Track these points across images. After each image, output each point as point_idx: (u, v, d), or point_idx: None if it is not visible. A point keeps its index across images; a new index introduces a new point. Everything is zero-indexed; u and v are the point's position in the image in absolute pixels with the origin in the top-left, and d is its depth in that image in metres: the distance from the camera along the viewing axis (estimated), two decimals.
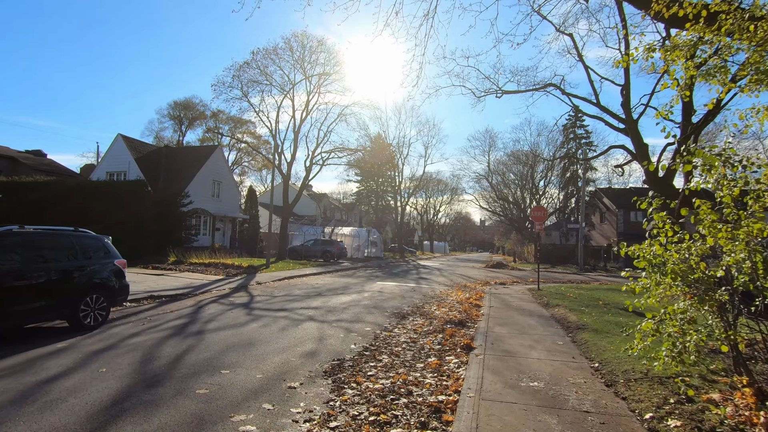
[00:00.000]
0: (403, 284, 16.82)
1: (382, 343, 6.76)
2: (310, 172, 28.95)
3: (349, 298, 12.11)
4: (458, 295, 13.60)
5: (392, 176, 55.86)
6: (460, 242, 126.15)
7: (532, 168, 46.01)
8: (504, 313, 9.78)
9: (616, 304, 10.69)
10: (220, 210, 30.21)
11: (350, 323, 8.36)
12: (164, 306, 9.88)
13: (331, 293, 13.06)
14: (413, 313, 9.79)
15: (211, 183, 29.89)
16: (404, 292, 13.95)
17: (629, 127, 16.34)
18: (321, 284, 15.81)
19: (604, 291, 13.97)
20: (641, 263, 4.10)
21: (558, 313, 9.62)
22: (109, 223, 21.06)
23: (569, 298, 12.09)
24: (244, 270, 19.30)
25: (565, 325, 8.28)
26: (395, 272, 23.74)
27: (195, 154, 30.58)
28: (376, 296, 12.69)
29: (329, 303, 10.92)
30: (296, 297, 11.96)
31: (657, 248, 3.90)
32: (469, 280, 19.89)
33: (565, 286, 15.96)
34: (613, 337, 6.75)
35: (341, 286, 15.13)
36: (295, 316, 8.86)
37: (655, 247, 3.91)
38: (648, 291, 4.31)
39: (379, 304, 11.13)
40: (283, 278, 17.53)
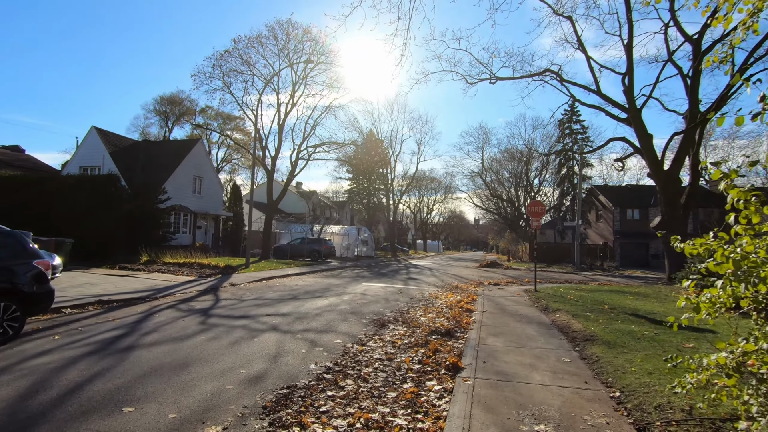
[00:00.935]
0: (390, 285, 15.60)
1: (351, 362, 5.52)
2: (296, 167, 27.63)
3: (326, 302, 10.86)
4: (448, 297, 12.40)
5: (384, 174, 54.66)
6: (454, 241, 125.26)
7: (527, 165, 44.97)
8: (498, 320, 8.58)
9: (623, 309, 9.53)
10: (201, 207, 28.80)
11: (318, 334, 7.11)
12: (110, 313, 8.57)
13: (308, 296, 11.81)
14: (395, 320, 8.56)
15: (192, 178, 28.46)
16: (389, 295, 12.73)
17: (632, 116, 15.26)
18: (300, 286, 14.55)
19: (606, 293, 12.85)
20: (724, 267, 2.47)
21: (560, 320, 8.44)
22: (76, 220, 19.67)
23: (570, 301, 10.94)
24: (220, 270, 17.99)
25: (570, 335, 7.09)
26: (384, 272, 22.52)
27: (175, 148, 29.14)
28: (357, 300, 11.45)
29: (302, 308, 9.66)
30: (267, 301, 10.69)
31: (747, 244, 2.41)
32: (461, 281, 18.72)
33: (563, 288, 14.82)
34: (632, 353, 5.56)
35: (321, 288, 13.88)
36: (256, 326, 7.60)
37: (745, 241, 2.42)
38: (712, 302, 2.86)
39: (358, 309, 9.89)
40: (261, 279, 16.25)
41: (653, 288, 13.44)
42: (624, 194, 41.44)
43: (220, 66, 25.54)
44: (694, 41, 14.58)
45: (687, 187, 14.80)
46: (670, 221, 14.12)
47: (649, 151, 14.82)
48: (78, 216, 19.64)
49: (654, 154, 14.90)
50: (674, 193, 14.37)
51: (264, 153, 26.86)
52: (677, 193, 14.45)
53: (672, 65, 17.07)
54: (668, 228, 14.17)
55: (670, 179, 14.39)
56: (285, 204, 46.39)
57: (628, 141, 17.60)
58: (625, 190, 42.80)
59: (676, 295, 11.56)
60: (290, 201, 45.02)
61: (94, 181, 21.74)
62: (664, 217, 14.39)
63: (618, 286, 15.38)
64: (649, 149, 14.91)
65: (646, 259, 38.41)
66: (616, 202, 39.55)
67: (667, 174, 14.57)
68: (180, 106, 62.68)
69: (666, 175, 14.54)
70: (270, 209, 26.66)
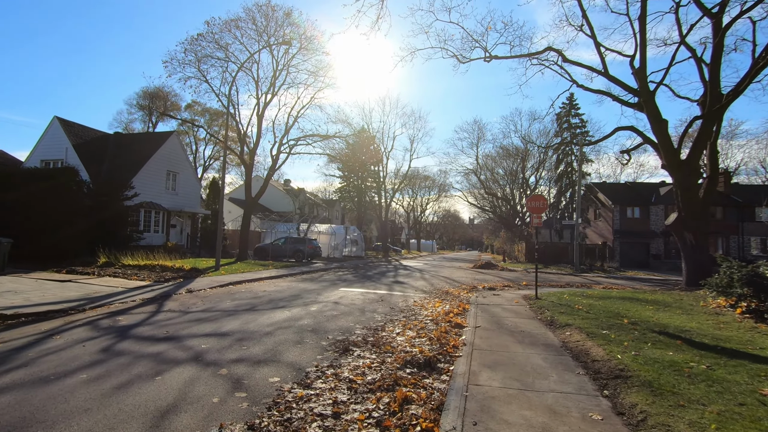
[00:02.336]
0: (372, 291, 13.78)
1: (276, 422, 3.70)
2: (277, 160, 25.71)
3: (287, 314, 9.00)
4: (435, 307, 10.60)
5: (376, 171, 52.84)
6: (449, 240, 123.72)
7: (523, 161, 43.30)
8: (495, 340, 6.79)
9: (648, 324, 7.78)
10: (175, 204, 26.81)
11: (252, 367, 5.27)
12: (2, 333, 6.70)
13: (269, 306, 9.95)
14: (364, 341, 6.73)
15: (165, 174, 26.44)
16: (367, 304, 10.90)
17: (645, 99, 13.51)
18: (268, 292, 12.69)
19: (618, 301, 11.09)
20: None
21: (572, 340, 6.66)
22: (25, 217, 17.70)
23: (579, 312, 9.17)
24: (184, 274, 16.07)
25: (591, 367, 5.31)
26: (369, 274, 20.69)
27: (147, 141, 27.11)
28: (326, 311, 9.61)
29: (251, 324, 7.81)
30: (215, 314, 8.82)
31: None
32: (453, 285, 16.94)
33: (567, 293, 13.07)
34: (693, 407, 3.78)
35: (291, 295, 12.03)
36: (174, 354, 5.74)
37: None
38: None
39: (322, 324, 8.06)
40: (226, 284, 14.38)
41: (671, 295, 11.74)
42: (623, 192, 39.90)
43: (194, 53, 23.62)
44: (714, 15, 12.91)
45: (705, 180, 13.12)
46: (688, 218, 12.44)
47: (664, 139, 13.13)
48: (29, 213, 17.65)
49: (669, 142, 13.21)
50: (693, 186, 12.70)
51: (242, 146, 24.93)
52: (696, 187, 12.79)
53: (685, 48, 15.41)
54: (687, 226, 12.50)
55: (688, 170, 12.69)
56: (271, 202, 44.44)
57: (637, 130, 15.90)
58: (625, 187, 41.28)
59: (705, 304, 9.85)
60: (276, 198, 43.09)
61: (50, 174, 19.72)
62: (681, 213, 12.71)
63: (628, 292, 13.65)
64: (663, 137, 13.21)
65: (646, 259, 36.87)
66: (616, 199, 37.99)
67: (685, 164, 12.87)
68: (164, 100, 60.46)
69: (684, 166, 12.85)
70: (249, 206, 24.73)
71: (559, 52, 14.72)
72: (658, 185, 40.66)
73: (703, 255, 12.30)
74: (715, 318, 8.34)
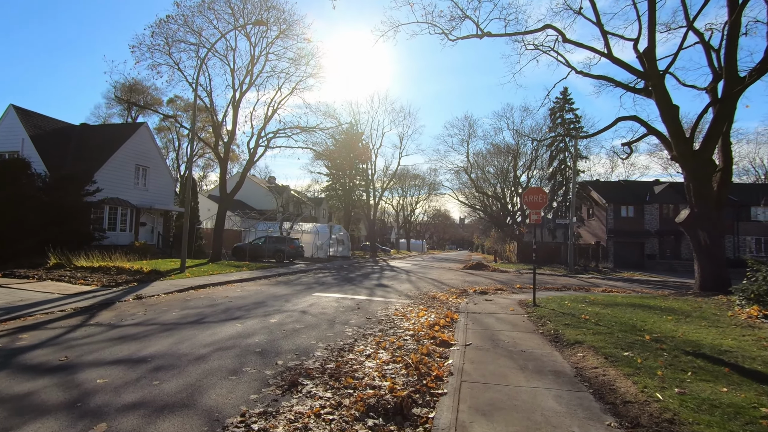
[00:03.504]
0: (349, 296, 12.25)
1: None
2: (255, 154, 24.00)
3: (237, 328, 7.43)
4: (419, 316, 9.11)
5: (364, 169, 51.28)
6: (439, 240, 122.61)
7: (515, 159, 42.08)
8: (490, 367, 5.31)
9: (675, 342, 6.37)
10: (145, 201, 24.96)
11: (148, 419, 3.71)
12: None
13: (221, 318, 8.37)
14: (321, 370, 5.20)
15: (134, 168, 24.57)
16: (340, 313, 9.37)
17: (653, 83, 12.18)
18: (229, 298, 11.08)
19: (628, 309, 9.71)
20: None
21: (588, 366, 5.22)
22: None
23: (587, 323, 7.76)
24: (141, 277, 14.37)
25: (624, 412, 3.84)
26: (351, 276, 19.15)
27: (115, 133, 25.19)
28: (287, 323, 8.05)
29: (185, 344, 6.23)
30: (148, 329, 7.22)
31: None
32: (441, 288, 15.48)
33: (567, 298, 11.68)
34: None
35: (254, 303, 10.44)
36: (48, 396, 4.16)
37: None
38: None
39: (277, 343, 6.51)
40: (186, 288, 12.75)
41: (687, 301, 10.40)
42: (617, 190, 38.90)
43: (165, 37, 21.80)
44: None
45: (719, 173, 11.85)
46: (702, 215, 11.15)
47: (675, 126, 11.85)
48: None
49: (680, 130, 11.93)
50: (707, 180, 11.42)
51: (217, 138, 23.19)
52: (710, 180, 11.51)
53: (693, 33, 14.16)
54: (700, 223, 11.21)
55: (701, 161, 11.40)
56: (254, 199, 42.65)
57: (640, 120, 14.60)
58: (618, 186, 40.29)
59: (732, 314, 8.50)
60: (259, 196, 41.32)
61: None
62: (694, 209, 11.41)
63: (635, 297, 12.30)
64: (674, 124, 11.91)
65: (641, 259, 35.89)
66: (609, 198, 36.95)
67: (698, 155, 11.58)
68: (144, 94, 58.18)
69: (697, 156, 11.55)
70: (224, 202, 23.00)
71: (558, 31, 13.34)
72: (652, 183, 39.74)
73: (719, 256, 11.03)
74: (751, 333, 6.97)
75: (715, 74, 13.95)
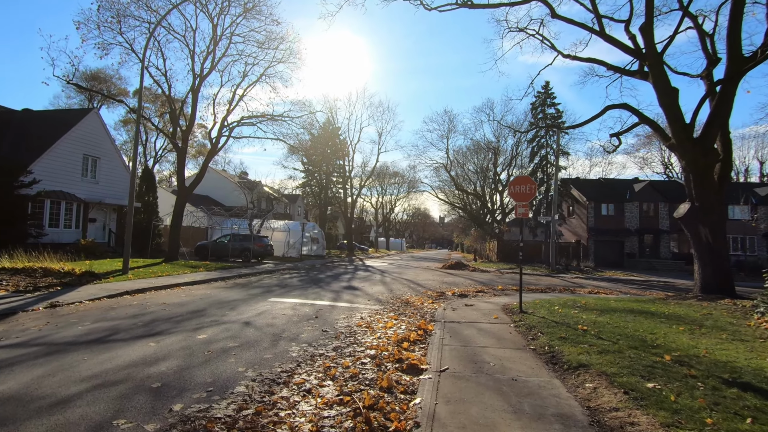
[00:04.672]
0: (310, 302, 10.64)
1: None
2: (217, 144, 22.05)
3: (147, 350, 5.75)
4: (387, 327, 7.61)
5: (342, 165, 49.55)
6: (419, 239, 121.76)
7: (495, 155, 41.13)
8: (471, 411, 3.83)
9: (699, 361, 5.04)
10: (95, 195, 22.68)
11: None
12: None
13: (135, 334, 6.65)
14: (231, 421, 3.61)
15: (81, 158, 22.25)
16: (292, 325, 7.77)
17: (651, 62, 11.01)
18: (165, 305, 9.31)
19: (628, 315, 8.43)
20: None
21: (604, 406, 3.80)
22: None
23: (587, 335, 6.40)
24: (71, 280, 12.41)
25: None
26: (320, 278, 17.51)
27: (59, 119, 22.77)
28: (218, 340, 6.40)
29: (56, 377, 4.54)
30: (26, 353, 5.47)
31: None
32: (417, 291, 14.04)
33: (557, 302, 10.38)
34: None
35: (191, 311, 8.72)
36: None
37: None
38: None
39: (189, 371, 4.88)
40: (120, 293, 10.91)
41: (692, 306, 9.21)
42: (597, 188, 38.39)
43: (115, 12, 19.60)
44: None
45: (718, 165, 10.79)
46: (703, 209, 10.06)
47: (674, 111, 10.74)
48: None
49: (680, 115, 10.82)
50: (708, 170, 10.36)
51: (174, 126, 21.14)
52: (712, 170, 10.46)
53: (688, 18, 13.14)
54: (701, 218, 10.10)
55: (702, 150, 10.31)
56: (223, 195, 40.40)
57: (631, 108, 13.49)
58: (599, 183, 39.83)
59: (753, 325, 7.28)
60: (228, 191, 39.11)
61: None
62: (695, 203, 10.32)
63: (631, 300, 11.09)
64: (673, 108, 10.80)
65: (620, 258, 35.41)
66: (590, 196, 36.36)
67: (699, 143, 10.49)
68: (107, 84, 54.90)
69: (697, 145, 10.46)
70: (181, 196, 20.98)
71: (547, 4, 12.04)
72: (632, 182, 39.43)
73: (722, 255, 9.95)
74: None
75: (710, 60, 12.97)
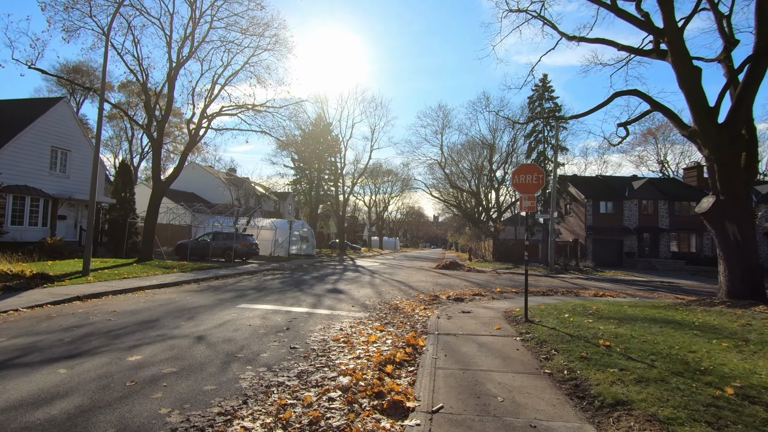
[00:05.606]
0: (285, 309, 9.33)
1: None
2: (196, 135, 20.62)
3: (56, 378, 4.42)
4: (369, 342, 6.34)
5: (334, 162, 48.17)
6: (413, 238, 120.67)
7: (491, 152, 39.99)
8: None
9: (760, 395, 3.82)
10: (64, 190, 21.17)
11: None
12: None
13: (57, 354, 5.32)
14: None
15: (49, 151, 20.73)
16: (255, 340, 6.46)
17: (669, 39, 9.85)
18: (118, 313, 7.96)
19: (654, 326, 7.22)
20: None
21: None
22: None
23: (612, 354, 5.18)
24: (18, 283, 10.98)
25: None
26: (305, 279, 16.19)
27: (25, 109, 21.21)
28: (155, 363, 5.09)
29: None
30: None
31: None
32: (409, 294, 12.79)
33: (565, 308, 9.16)
34: None
35: (143, 321, 7.38)
36: None
37: None
38: None
39: (86, 417, 3.57)
40: (72, 299, 9.56)
41: (722, 314, 8.01)
42: (595, 185, 37.38)
43: None
44: None
45: (744, 154, 9.64)
46: (729, 203, 8.92)
47: (696, 93, 9.59)
48: None
49: (702, 97, 9.65)
50: (735, 160, 9.22)
51: (150, 116, 19.68)
52: (739, 160, 9.32)
53: None
54: (728, 213, 8.95)
55: (728, 137, 9.15)
56: (209, 192, 38.89)
57: (642, 94, 12.31)
58: (597, 180, 38.83)
59: None
60: (216, 189, 37.61)
61: None
62: (720, 197, 9.18)
63: (649, 307, 9.91)
64: (695, 90, 9.65)
65: (619, 258, 34.45)
66: (588, 193, 35.34)
67: (725, 129, 9.33)
68: (89, 77, 52.97)
69: (723, 131, 9.30)
70: (156, 192, 19.54)
71: None
72: (631, 179, 38.49)
73: (751, 255, 8.80)
74: None
75: (728, 42, 11.85)
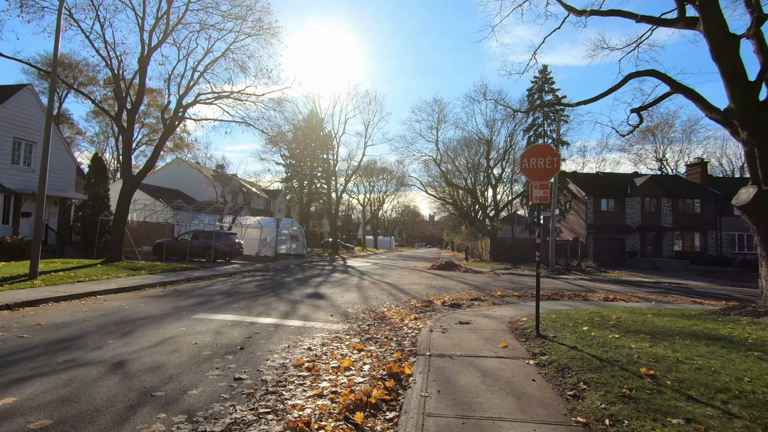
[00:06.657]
0: (250, 320, 7.84)
1: None
2: (172, 125, 19.07)
3: None
4: (340, 370, 4.88)
5: (326, 159, 46.63)
6: (408, 237, 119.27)
7: (488, 147, 38.65)
8: None
9: None
10: (29, 185, 19.55)
11: None
12: None
13: None
14: None
15: (11, 142, 19.11)
16: (190, 368, 4.99)
17: (701, 3, 8.50)
18: (42, 326, 6.46)
19: (699, 344, 5.83)
20: None
21: None
22: None
23: (666, 391, 3.75)
24: None
25: None
26: (286, 282, 14.70)
27: None
28: (26, 412, 3.62)
29: None
30: None
31: None
32: (399, 299, 11.34)
33: (579, 317, 7.77)
34: None
35: (60, 340, 5.89)
36: None
37: None
38: None
39: None
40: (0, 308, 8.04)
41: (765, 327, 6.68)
42: (596, 182, 36.10)
43: None
44: None
45: None
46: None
47: (732, 65, 8.26)
48: None
49: (740, 69, 8.31)
50: None
51: (120, 104, 18.10)
52: None
53: None
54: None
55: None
56: (194, 189, 37.25)
57: (661, 74, 10.93)
58: (597, 177, 37.55)
59: None
60: (200, 185, 35.99)
61: None
62: (763, 186, 7.84)
63: (679, 317, 8.52)
64: (731, 62, 8.30)
65: (621, 257, 33.19)
66: (589, 191, 34.04)
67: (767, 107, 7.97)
68: (75, 71, 51.06)
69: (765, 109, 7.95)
70: (127, 186, 17.96)
71: None
72: (632, 176, 37.23)
73: None
74: None
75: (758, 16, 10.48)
